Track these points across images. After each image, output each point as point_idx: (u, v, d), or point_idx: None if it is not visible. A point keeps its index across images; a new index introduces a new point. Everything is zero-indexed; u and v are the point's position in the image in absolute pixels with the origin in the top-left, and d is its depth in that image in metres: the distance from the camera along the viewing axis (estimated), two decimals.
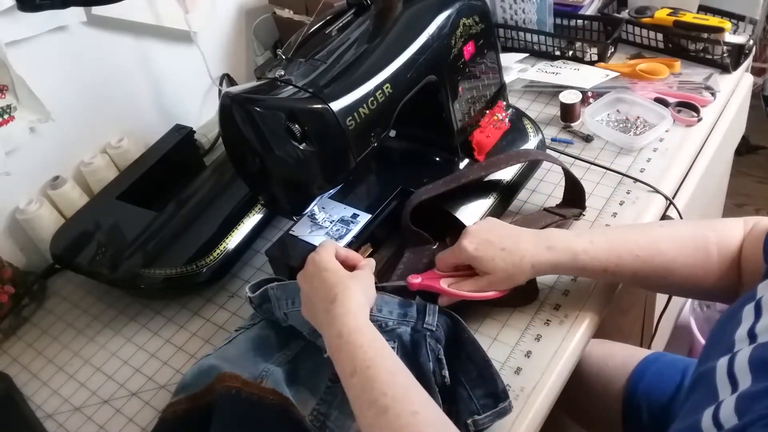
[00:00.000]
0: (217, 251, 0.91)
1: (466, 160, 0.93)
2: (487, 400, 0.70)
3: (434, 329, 0.73)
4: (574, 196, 0.91)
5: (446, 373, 0.71)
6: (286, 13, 1.26)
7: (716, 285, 0.71)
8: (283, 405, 0.70)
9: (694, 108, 1.03)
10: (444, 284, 0.77)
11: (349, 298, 0.67)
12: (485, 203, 0.90)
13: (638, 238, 0.73)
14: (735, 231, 0.72)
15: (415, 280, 0.78)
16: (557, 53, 1.18)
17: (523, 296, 0.81)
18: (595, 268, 0.74)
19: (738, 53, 1.08)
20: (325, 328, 0.67)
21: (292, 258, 0.86)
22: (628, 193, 0.94)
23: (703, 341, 1.39)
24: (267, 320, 0.79)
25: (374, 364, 0.62)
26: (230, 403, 0.69)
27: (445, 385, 0.71)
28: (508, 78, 1.09)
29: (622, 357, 0.97)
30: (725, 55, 1.08)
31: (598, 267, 0.73)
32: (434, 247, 0.87)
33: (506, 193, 0.92)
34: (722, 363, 0.51)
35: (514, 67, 1.16)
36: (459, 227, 0.87)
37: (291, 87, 0.71)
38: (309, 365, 0.76)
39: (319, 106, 0.70)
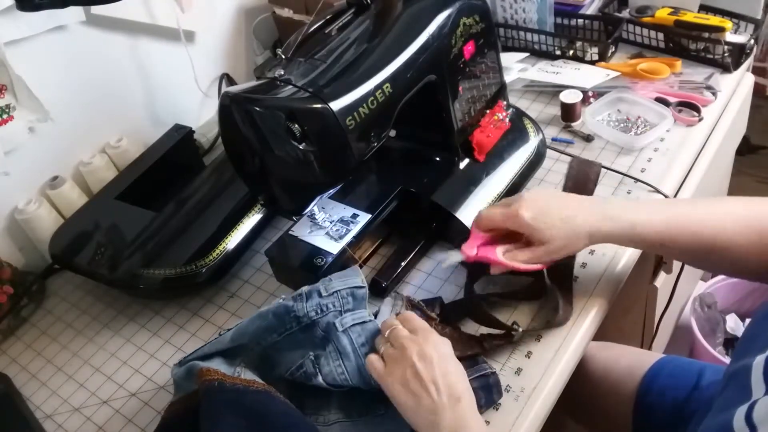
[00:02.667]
0: (217, 251, 0.91)
1: (467, 160, 0.92)
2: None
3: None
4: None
5: None
6: (286, 13, 1.25)
7: (763, 267, 0.70)
8: (269, 390, 0.69)
9: (695, 108, 1.03)
10: (499, 254, 0.75)
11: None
12: (486, 203, 0.89)
13: (697, 214, 0.72)
14: None
15: (471, 251, 0.76)
16: (558, 53, 1.18)
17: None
18: (652, 241, 0.73)
19: (739, 53, 1.08)
20: (446, 423, 0.63)
21: (291, 258, 0.86)
22: (628, 193, 0.94)
23: (704, 342, 1.39)
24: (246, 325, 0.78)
25: None
26: (215, 395, 0.68)
27: None
28: (508, 78, 1.09)
29: (628, 359, 0.96)
30: (726, 54, 1.08)
31: (655, 240, 0.72)
32: None
33: (507, 193, 0.92)
34: (759, 361, 0.51)
35: (514, 67, 1.16)
36: (458, 228, 0.87)
37: (290, 87, 0.71)
38: (286, 353, 0.75)
39: (319, 105, 0.70)
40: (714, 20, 1.09)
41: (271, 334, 0.73)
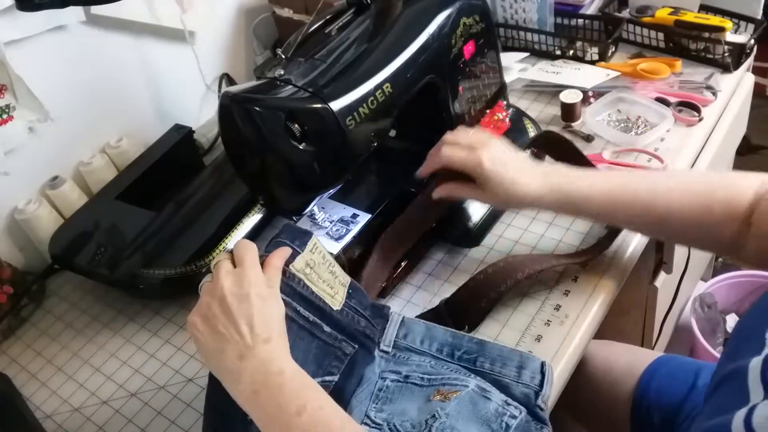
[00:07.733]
0: (217, 251, 0.91)
1: None
2: None
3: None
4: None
5: None
6: (286, 13, 1.26)
7: (717, 241, 0.71)
8: None
9: (695, 107, 1.03)
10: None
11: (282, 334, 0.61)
12: (486, 204, 0.89)
13: (639, 189, 0.74)
14: (746, 191, 0.68)
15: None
16: (558, 53, 1.18)
17: None
18: (589, 212, 0.76)
19: (739, 53, 1.08)
20: (253, 365, 0.58)
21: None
22: None
23: (704, 342, 1.39)
24: None
25: (327, 404, 0.58)
26: None
27: None
28: (508, 77, 1.09)
29: (628, 358, 0.96)
30: (726, 54, 1.08)
31: (592, 211, 0.76)
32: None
33: None
34: (755, 364, 0.50)
35: (514, 67, 1.16)
36: (458, 227, 0.87)
37: (290, 86, 0.71)
38: None
39: (319, 105, 0.70)
40: (714, 20, 1.09)
41: None
